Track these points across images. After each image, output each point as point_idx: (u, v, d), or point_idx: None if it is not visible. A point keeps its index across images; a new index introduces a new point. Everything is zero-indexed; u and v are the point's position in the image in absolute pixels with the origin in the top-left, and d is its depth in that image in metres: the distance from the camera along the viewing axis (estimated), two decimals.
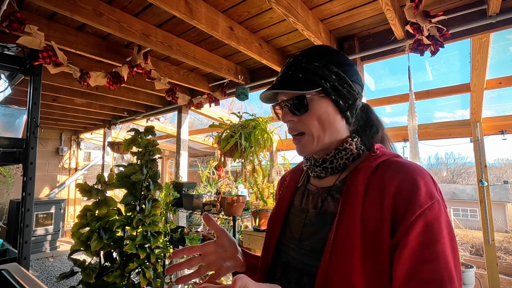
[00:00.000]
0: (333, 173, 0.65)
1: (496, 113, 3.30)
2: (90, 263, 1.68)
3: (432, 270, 0.47)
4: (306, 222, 0.64)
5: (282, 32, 2.25)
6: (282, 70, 0.67)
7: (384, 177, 0.55)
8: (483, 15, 1.77)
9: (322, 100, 0.62)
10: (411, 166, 0.55)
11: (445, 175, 28.20)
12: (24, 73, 1.82)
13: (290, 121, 0.65)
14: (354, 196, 0.56)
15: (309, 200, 0.67)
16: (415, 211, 0.50)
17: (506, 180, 19.47)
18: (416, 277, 0.47)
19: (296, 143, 0.66)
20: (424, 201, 0.50)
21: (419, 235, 0.49)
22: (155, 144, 1.96)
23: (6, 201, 5.28)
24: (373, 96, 3.48)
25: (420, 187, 0.51)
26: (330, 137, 0.64)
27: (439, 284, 0.46)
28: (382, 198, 0.53)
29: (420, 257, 0.48)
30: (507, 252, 9.62)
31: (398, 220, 0.50)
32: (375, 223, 0.52)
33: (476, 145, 3.19)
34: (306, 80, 0.62)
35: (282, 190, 0.77)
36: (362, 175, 0.57)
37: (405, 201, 0.51)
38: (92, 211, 1.71)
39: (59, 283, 3.96)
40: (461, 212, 18.07)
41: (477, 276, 2.77)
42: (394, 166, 0.57)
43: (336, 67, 0.63)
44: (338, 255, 0.52)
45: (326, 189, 0.65)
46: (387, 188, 0.53)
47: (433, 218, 0.50)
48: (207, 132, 5.03)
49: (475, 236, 11.01)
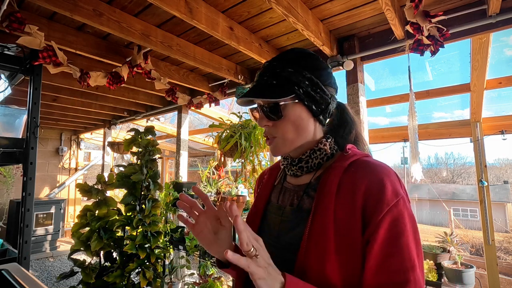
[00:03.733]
0: (309, 172, 0.69)
1: (496, 113, 3.29)
2: (90, 263, 1.68)
3: (398, 262, 0.53)
4: (283, 218, 0.67)
5: (282, 32, 2.25)
6: (258, 75, 0.69)
7: (355, 177, 0.59)
8: (483, 15, 1.77)
9: (295, 106, 0.65)
10: (379, 166, 0.60)
11: (445, 175, 28.19)
12: (24, 73, 1.82)
13: (266, 126, 0.68)
14: (327, 194, 0.60)
15: (286, 198, 0.71)
16: (383, 209, 0.55)
17: (506, 180, 19.47)
18: (385, 268, 0.53)
19: (269, 144, 0.70)
20: (390, 199, 0.56)
21: (386, 230, 0.54)
22: (155, 144, 1.96)
23: (6, 201, 5.28)
24: (373, 96, 3.48)
25: (386, 186, 0.57)
26: (304, 140, 0.68)
27: (403, 273, 0.53)
28: (353, 196, 0.57)
29: (387, 251, 0.54)
30: (507, 252, 9.62)
31: (368, 217, 0.56)
32: (347, 219, 0.56)
33: (476, 145, 3.19)
34: (280, 87, 0.64)
35: (260, 188, 0.80)
36: (335, 174, 0.62)
37: (374, 200, 0.56)
38: (92, 211, 1.70)
39: (59, 283, 3.96)
40: (461, 212, 18.07)
41: (477, 276, 2.77)
42: (364, 166, 0.61)
43: (309, 73, 0.66)
44: (313, 249, 0.57)
45: (302, 186, 0.69)
46: (358, 188, 0.58)
47: (398, 214, 0.55)
48: (207, 132, 5.03)
49: (475, 236, 11.00)
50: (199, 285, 2.61)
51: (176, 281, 3.03)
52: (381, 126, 4.63)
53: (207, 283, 2.49)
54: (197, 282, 2.77)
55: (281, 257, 0.61)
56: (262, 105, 0.67)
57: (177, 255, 3.07)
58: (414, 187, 20.42)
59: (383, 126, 4.91)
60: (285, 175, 0.76)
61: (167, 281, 2.87)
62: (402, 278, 0.53)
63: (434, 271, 2.70)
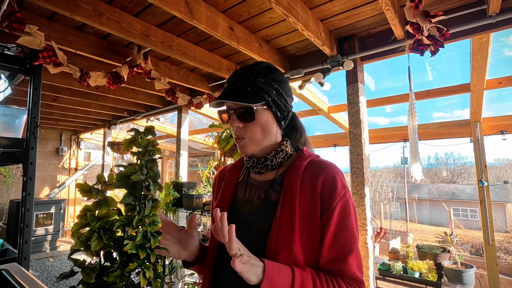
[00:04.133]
0: (272, 169, 0.81)
1: (496, 113, 3.29)
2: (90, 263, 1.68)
3: (345, 237, 0.70)
4: (251, 210, 0.78)
5: (282, 32, 2.25)
6: (231, 81, 0.78)
7: (313, 174, 0.74)
8: (483, 15, 1.77)
9: (264, 111, 0.77)
10: (330, 165, 0.76)
11: (445, 175, 28.18)
12: (24, 73, 1.81)
13: (237, 127, 0.77)
14: (292, 188, 0.73)
15: (253, 192, 0.81)
16: (336, 198, 0.71)
17: (506, 180, 19.46)
18: (336, 242, 0.70)
19: (237, 143, 0.79)
20: (340, 191, 0.72)
21: (338, 214, 0.70)
22: (155, 144, 1.96)
23: (6, 201, 5.27)
24: (373, 96, 3.48)
25: (337, 181, 0.73)
26: (268, 141, 0.79)
27: (349, 245, 0.70)
28: (313, 189, 0.72)
29: (338, 229, 0.70)
30: (507, 252, 9.61)
31: (325, 205, 0.71)
32: (308, 207, 0.71)
33: (476, 145, 3.19)
34: (254, 94, 0.75)
35: (224, 185, 0.88)
36: (297, 171, 0.75)
37: (329, 192, 0.71)
38: (92, 211, 1.70)
39: (59, 283, 3.96)
40: (461, 212, 18.06)
41: (477, 276, 2.77)
42: (319, 165, 0.76)
43: (276, 84, 0.78)
44: (282, 233, 0.69)
45: (267, 182, 0.80)
46: (316, 182, 0.72)
47: (345, 201, 0.72)
48: (207, 132, 5.03)
49: (475, 236, 11.00)
50: (199, 285, 2.61)
51: (176, 281, 3.03)
52: (381, 126, 4.63)
53: None
54: (197, 282, 2.77)
55: (252, 243, 0.70)
56: (236, 108, 0.76)
57: None
58: (414, 187, 20.41)
59: (383, 126, 4.91)
60: (248, 173, 0.87)
61: (167, 281, 2.87)
62: (348, 249, 0.70)
63: (434, 271, 2.70)
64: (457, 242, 3.08)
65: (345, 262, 0.69)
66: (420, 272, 2.74)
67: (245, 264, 0.60)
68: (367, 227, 2.12)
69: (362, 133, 2.22)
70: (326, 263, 0.70)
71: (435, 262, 2.82)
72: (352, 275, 0.69)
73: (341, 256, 0.69)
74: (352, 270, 0.69)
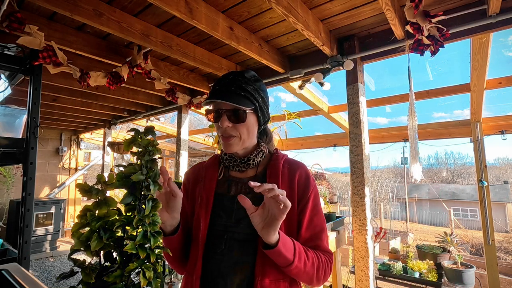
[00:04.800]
0: (252, 168, 0.93)
1: (496, 113, 3.29)
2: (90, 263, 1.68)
3: (318, 219, 0.87)
4: (238, 205, 0.84)
5: (282, 32, 2.25)
6: (224, 83, 0.85)
7: (290, 170, 0.90)
8: (483, 15, 1.77)
9: (252, 114, 0.87)
10: (301, 163, 0.94)
11: (445, 175, 28.18)
12: (24, 73, 1.81)
13: (227, 126, 0.85)
14: (275, 183, 0.82)
15: (238, 188, 0.91)
16: (310, 189, 0.88)
17: (506, 180, 19.47)
18: (312, 224, 0.86)
19: (225, 142, 0.87)
20: (313, 183, 0.90)
21: (312, 202, 0.87)
22: (155, 144, 1.96)
23: (6, 201, 5.27)
24: (373, 96, 3.48)
25: (309, 175, 0.90)
26: (250, 142, 0.90)
27: (321, 226, 0.87)
28: (290, 182, 0.88)
29: (313, 213, 0.87)
30: (507, 252, 9.61)
31: (300, 196, 0.87)
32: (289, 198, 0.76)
33: (476, 145, 3.19)
34: (246, 98, 0.84)
35: (205, 182, 0.94)
36: (277, 168, 0.89)
37: (303, 184, 0.88)
38: (92, 211, 1.70)
39: (59, 283, 3.96)
40: (461, 212, 18.06)
41: (477, 276, 2.77)
42: (293, 163, 0.93)
43: (262, 93, 0.90)
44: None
45: (249, 178, 0.91)
46: (293, 177, 0.88)
47: (316, 192, 0.90)
48: (207, 132, 5.03)
49: (475, 236, 11.00)
50: None
51: (176, 281, 3.03)
52: (381, 126, 4.63)
53: None
54: None
55: (246, 233, 0.83)
56: (228, 109, 0.84)
57: None
58: (414, 187, 20.41)
59: (383, 126, 4.91)
60: (227, 171, 0.95)
61: (167, 281, 2.87)
62: (320, 228, 0.87)
63: (434, 271, 2.70)
64: (457, 242, 3.08)
65: (319, 239, 0.86)
66: (420, 272, 2.74)
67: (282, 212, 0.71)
68: (367, 227, 2.12)
69: (362, 133, 2.22)
70: (304, 241, 0.85)
71: (435, 262, 2.82)
72: (325, 248, 0.87)
73: (317, 235, 0.86)
74: (325, 244, 0.87)
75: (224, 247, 0.84)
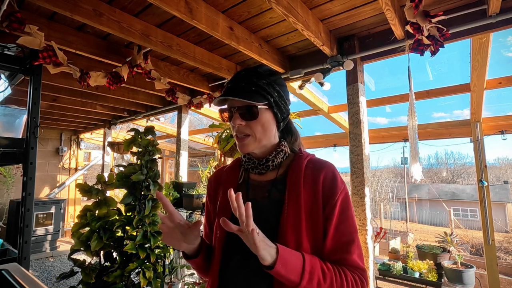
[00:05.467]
0: (272, 170, 0.85)
1: (496, 113, 3.29)
2: (90, 263, 1.68)
3: (347, 227, 0.76)
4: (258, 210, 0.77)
5: (282, 32, 2.25)
6: (235, 80, 0.81)
7: (314, 171, 0.79)
8: (483, 15, 1.77)
9: (266, 111, 0.80)
10: (328, 163, 0.82)
11: (445, 175, 28.16)
12: (24, 73, 1.82)
13: (240, 124, 0.79)
14: (296, 187, 0.77)
15: (256, 192, 0.84)
16: (337, 193, 0.76)
17: (506, 180, 19.47)
18: (338, 233, 0.75)
19: (239, 142, 0.81)
20: (340, 186, 0.78)
21: (339, 207, 0.76)
22: (155, 144, 1.96)
23: (6, 201, 5.27)
24: (373, 96, 3.48)
25: (337, 177, 0.79)
26: (267, 141, 0.83)
27: (350, 235, 0.75)
28: (314, 185, 0.77)
29: (340, 221, 0.75)
30: (507, 252, 9.61)
31: (326, 200, 0.76)
32: (312, 203, 0.76)
33: (476, 145, 3.19)
34: (258, 94, 0.78)
35: (223, 186, 0.89)
36: (299, 170, 0.80)
37: (329, 187, 0.77)
38: (92, 211, 1.70)
39: (59, 283, 3.96)
40: (461, 212, 18.05)
41: (477, 276, 2.77)
42: (318, 163, 0.82)
43: (278, 87, 0.82)
44: (291, 230, 0.73)
45: (269, 182, 0.83)
46: (317, 179, 0.78)
47: (345, 195, 0.78)
48: (207, 132, 5.03)
49: (475, 236, 11.00)
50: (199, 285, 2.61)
51: (176, 281, 3.03)
52: (381, 126, 4.63)
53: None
54: (197, 282, 2.77)
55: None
56: (239, 106, 0.78)
57: (177, 255, 3.07)
58: (414, 187, 20.41)
59: (383, 126, 4.92)
60: (247, 174, 0.89)
61: (167, 281, 2.87)
62: (350, 238, 0.75)
63: (434, 271, 2.70)
64: (457, 242, 3.08)
65: (347, 252, 0.74)
66: (420, 272, 2.74)
67: (262, 242, 0.63)
68: (367, 227, 2.12)
69: (362, 133, 2.22)
70: (329, 253, 0.74)
71: (435, 262, 2.82)
72: (354, 263, 0.74)
73: (344, 246, 0.74)
74: (354, 258, 0.74)
75: (241, 257, 0.77)
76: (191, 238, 0.77)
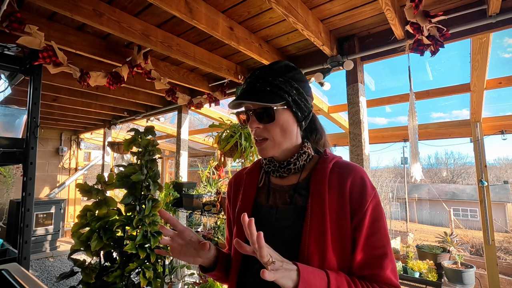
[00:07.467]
0: (295, 173, 0.78)
1: (496, 113, 3.29)
2: (90, 263, 1.68)
3: (378, 239, 0.67)
4: (278, 216, 0.74)
5: (282, 32, 2.25)
6: (250, 81, 0.75)
7: (340, 176, 0.71)
8: (483, 15, 1.77)
9: (284, 111, 0.74)
10: (356, 166, 0.74)
11: (445, 175, 28.17)
12: (24, 73, 1.82)
13: (257, 128, 0.74)
14: (320, 193, 0.70)
15: (276, 197, 0.77)
16: (367, 200, 0.68)
17: (506, 180, 19.47)
18: (368, 246, 0.67)
19: (258, 145, 0.76)
20: (370, 192, 0.69)
21: (370, 216, 0.68)
22: (155, 144, 1.96)
23: (6, 201, 5.27)
24: (373, 96, 3.48)
25: (366, 182, 0.70)
26: (289, 142, 0.76)
27: (383, 247, 0.67)
28: (341, 192, 0.69)
29: (371, 232, 0.67)
30: (507, 252, 9.61)
31: (355, 208, 0.68)
32: (338, 212, 0.68)
33: (476, 145, 3.19)
34: (273, 94, 0.72)
35: (243, 190, 0.84)
36: (323, 174, 0.73)
37: (358, 194, 0.69)
38: (92, 211, 1.70)
39: (59, 283, 3.96)
40: (461, 212, 18.06)
41: (477, 276, 2.77)
42: (345, 167, 0.73)
43: (296, 83, 0.75)
44: (315, 240, 0.66)
45: (291, 186, 0.76)
46: (344, 184, 0.70)
47: (376, 203, 0.69)
48: (207, 132, 5.03)
49: (475, 236, 11.00)
50: (199, 285, 2.61)
51: (176, 281, 3.03)
52: (381, 126, 4.63)
53: (207, 283, 2.49)
54: (197, 282, 2.77)
55: (282, 251, 0.64)
56: (255, 108, 0.73)
57: None
58: (414, 187, 20.41)
59: (383, 126, 4.92)
60: (268, 177, 0.83)
61: (167, 281, 2.87)
62: (382, 252, 0.67)
63: (434, 271, 2.70)
64: (457, 242, 3.08)
65: (379, 267, 0.66)
66: (420, 272, 2.74)
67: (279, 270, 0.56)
68: None
69: (362, 133, 2.22)
70: (359, 268, 0.67)
71: (435, 262, 2.82)
72: (387, 280, 0.66)
73: (375, 260, 0.66)
74: (388, 275, 0.66)
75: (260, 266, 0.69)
76: (204, 253, 0.74)
